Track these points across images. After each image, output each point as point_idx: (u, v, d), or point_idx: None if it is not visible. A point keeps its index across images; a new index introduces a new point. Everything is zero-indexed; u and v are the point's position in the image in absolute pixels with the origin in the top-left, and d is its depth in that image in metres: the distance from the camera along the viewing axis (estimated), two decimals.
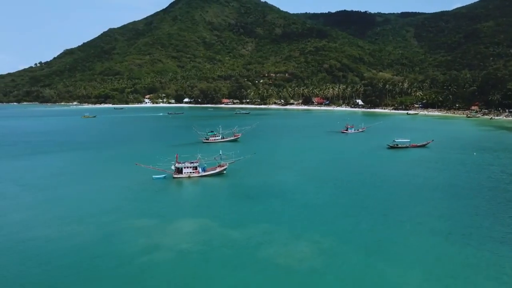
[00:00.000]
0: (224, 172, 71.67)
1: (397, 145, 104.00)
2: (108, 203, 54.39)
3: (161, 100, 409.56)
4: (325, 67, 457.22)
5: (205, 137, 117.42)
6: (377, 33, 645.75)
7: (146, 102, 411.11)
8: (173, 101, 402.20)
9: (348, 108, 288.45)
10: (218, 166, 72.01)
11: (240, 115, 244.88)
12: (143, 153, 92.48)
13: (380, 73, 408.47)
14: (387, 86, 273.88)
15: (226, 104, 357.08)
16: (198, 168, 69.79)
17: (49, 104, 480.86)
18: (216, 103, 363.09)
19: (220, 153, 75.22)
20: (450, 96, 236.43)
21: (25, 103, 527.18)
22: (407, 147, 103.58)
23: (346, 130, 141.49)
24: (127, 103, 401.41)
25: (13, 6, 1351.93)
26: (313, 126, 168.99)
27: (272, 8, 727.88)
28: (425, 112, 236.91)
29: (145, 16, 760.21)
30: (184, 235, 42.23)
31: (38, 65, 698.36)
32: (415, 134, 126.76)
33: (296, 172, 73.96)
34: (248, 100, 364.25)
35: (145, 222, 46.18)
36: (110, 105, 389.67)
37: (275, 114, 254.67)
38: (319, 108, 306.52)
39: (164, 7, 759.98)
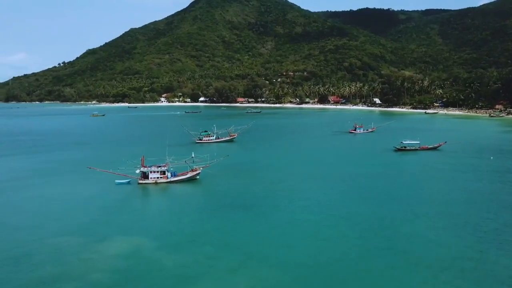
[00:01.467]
0: (197, 177, 64.45)
1: (405, 147, 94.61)
2: (45, 214, 47.93)
3: (177, 99, 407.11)
4: (345, 66, 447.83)
5: (198, 137, 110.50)
6: (399, 31, 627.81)
7: (162, 101, 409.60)
8: (188, 100, 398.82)
9: (365, 107, 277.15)
10: (190, 171, 64.58)
11: (251, 114, 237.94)
12: (124, 154, 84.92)
13: (402, 71, 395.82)
14: (405, 84, 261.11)
15: (241, 103, 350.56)
16: (166, 173, 62.55)
17: (68, 103, 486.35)
18: (231, 102, 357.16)
19: (192, 155, 67.05)
20: (472, 94, 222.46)
21: (46, 102, 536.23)
22: (416, 149, 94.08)
23: (355, 130, 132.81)
24: (143, 102, 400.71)
25: (40, 7, 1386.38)
26: (321, 125, 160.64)
27: (293, 7, 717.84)
28: (445, 111, 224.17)
29: (166, 16, 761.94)
30: (105, 260, 34.88)
31: (61, 64, 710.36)
32: (429, 134, 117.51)
33: (282, 178, 65.95)
34: (263, 99, 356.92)
35: (69, 240, 38.87)
36: (126, 104, 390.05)
37: (287, 113, 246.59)
38: (334, 107, 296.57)
39: (185, 6, 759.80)
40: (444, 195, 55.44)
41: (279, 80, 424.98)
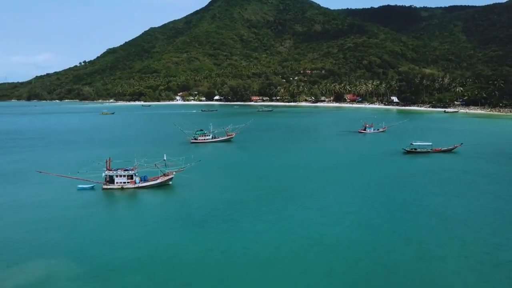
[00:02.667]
0: (170, 183, 57.98)
1: (415, 149, 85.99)
2: None
3: (192, 98, 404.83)
4: (364, 64, 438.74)
5: (193, 137, 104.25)
6: (422, 28, 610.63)
7: (178, 100, 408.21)
8: (203, 98, 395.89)
9: (382, 106, 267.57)
10: (162, 176, 57.82)
11: (262, 112, 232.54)
12: (102, 155, 77.76)
13: (424, 69, 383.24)
14: (424, 81, 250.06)
15: (255, 102, 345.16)
16: (134, 177, 56.33)
17: (87, 101, 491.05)
18: (245, 101, 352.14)
19: (164, 158, 60.16)
20: (496, 92, 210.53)
21: (66, 100, 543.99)
22: (428, 152, 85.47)
23: (364, 129, 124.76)
24: (158, 101, 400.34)
25: (65, 7, 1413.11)
26: (331, 124, 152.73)
27: (312, 4, 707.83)
28: (465, 110, 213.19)
29: (185, 15, 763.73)
30: None
31: (82, 64, 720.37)
32: (446, 135, 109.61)
33: (272, 185, 58.22)
34: (278, 98, 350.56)
35: None
36: (140, 103, 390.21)
37: (299, 112, 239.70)
38: (350, 105, 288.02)
39: (204, 5, 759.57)
40: (457, 212, 46.04)
41: (296, 78, 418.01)
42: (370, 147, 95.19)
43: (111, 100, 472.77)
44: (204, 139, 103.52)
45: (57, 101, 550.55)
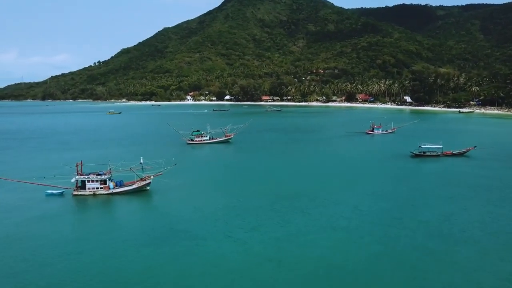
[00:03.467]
0: (147, 188, 53.05)
1: (424, 152, 79.56)
2: None
3: (202, 98, 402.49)
4: (378, 63, 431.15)
5: (190, 138, 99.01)
6: (438, 27, 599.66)
7: (188, 100, 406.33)
8: (214, 98, 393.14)
9: (394, 106, 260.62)
10: (139, 180, 52.64)
11: (270, 112, 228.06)
12: (81, 157, 74.11)
13: (439, 68, 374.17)
14: (438, 80, 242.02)
15: (266, 102, 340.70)
16: (108, 182, 51.49)
17: (99, 101, 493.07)
18: (255, 100, 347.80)
19: (141, 161, 54.36)
20: None
21: (79, 100, 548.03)
22: (438, 155, 79.21)
23: (372, 131, 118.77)
24: (169, 100, 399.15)
25: (82, 8, 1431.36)
26: (338, 125, 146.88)
27: (326, 4, 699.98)
28: (482, 110, 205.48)
29: (198, 15, 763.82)
30: None
31: (96, 64, 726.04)
32: (458, 137, 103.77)
33: (264, 192, 52.48)
34: (289, 97, 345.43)
35: None
36: (150, 102, 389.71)
37: (309, 112, 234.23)
38: (362, 105, 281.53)
39: (217, 5, 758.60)
40: (468, 228, 39.94)
41: (308, 78, 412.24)
42: (375, 150, 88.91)
43: (123, 100, 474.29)
44: (201, 140, 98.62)
45: (70, 100, 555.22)
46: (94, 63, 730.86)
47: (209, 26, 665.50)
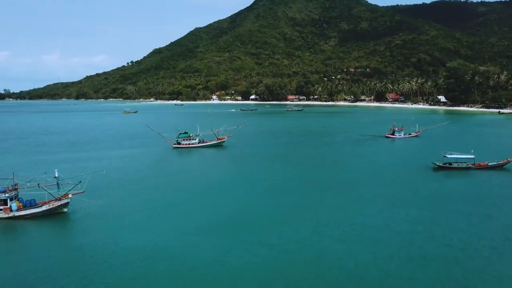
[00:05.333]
0: (65, 210, 40.38)
1: (450, 163, 62.22)
2: None
3: (228, 97, 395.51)
4: (413, 61, 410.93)
5: (176, 141, 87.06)
6: (478, 24, 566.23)
7: (214, 99, 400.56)
8: (239, 98, 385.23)
9: (427, 106, 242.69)
10: (54, 200, 40.28)
11: (291, 111, 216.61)
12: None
13: (480, 67, 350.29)
14: (476, 78, 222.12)
15: (291, 101, 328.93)
16: (9, 202, 39.44)
17: (129, 100, 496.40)
18: (280, 100, 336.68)
19: (56, 175, 41.85)
20: None
21: (110, 99, 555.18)
22: (469, 167, 61.53)
23: (392, 134, 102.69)
24: (195, 100, 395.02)
25: (118, 10, 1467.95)
26: (355, 127, 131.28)
27: (359, 1, 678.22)
28: None
29: (230, 15, 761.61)
30: None
31: (129, 64, 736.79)
32: (496, 144, 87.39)
33: (235, 215, 39.55)
34: (315, 97, 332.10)
35: None
36: (174, 102, 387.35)
37: (333, 112, 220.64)
38: (391, 105, 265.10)
39: (249, 5, 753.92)
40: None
41: (338, 77, 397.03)
42: (391, 159, 71.56)
43: (152, 99, 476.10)
44: (189, 144, 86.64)
45: (102, 100, 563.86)
46: (127, 63, 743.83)
47: (240, 25, 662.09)
